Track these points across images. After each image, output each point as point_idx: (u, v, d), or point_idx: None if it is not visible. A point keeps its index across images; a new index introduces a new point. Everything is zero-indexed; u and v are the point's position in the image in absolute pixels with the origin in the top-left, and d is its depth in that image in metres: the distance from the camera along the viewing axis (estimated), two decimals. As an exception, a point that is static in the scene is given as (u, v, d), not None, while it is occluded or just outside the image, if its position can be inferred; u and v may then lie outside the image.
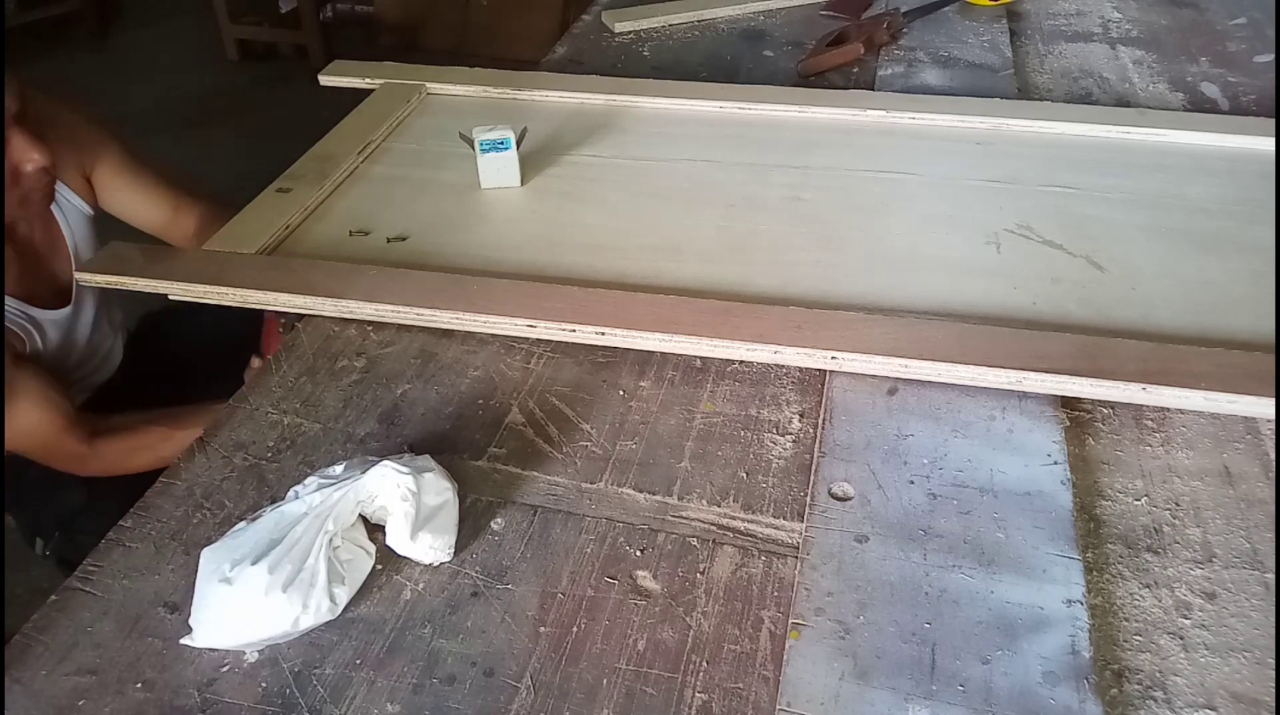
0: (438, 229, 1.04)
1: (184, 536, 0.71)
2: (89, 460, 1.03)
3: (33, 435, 1.01)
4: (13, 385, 0.97)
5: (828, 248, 0.99)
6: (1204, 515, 0.71)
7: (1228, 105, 1.32)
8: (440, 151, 1.18)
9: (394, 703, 0.60)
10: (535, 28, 3.61)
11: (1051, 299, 0.90)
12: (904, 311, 0.87)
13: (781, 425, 0.80)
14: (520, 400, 0.83)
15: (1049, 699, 0.57)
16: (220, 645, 0.62)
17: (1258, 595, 0.65)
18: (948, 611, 0.63)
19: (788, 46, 1.53)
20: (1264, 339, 0.84)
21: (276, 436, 0.80)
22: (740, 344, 0.81)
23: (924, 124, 1.22)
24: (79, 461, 1.04)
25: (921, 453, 0.75)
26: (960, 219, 1.02)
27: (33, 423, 1.00)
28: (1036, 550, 0.66)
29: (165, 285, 0.92)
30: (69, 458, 1.03)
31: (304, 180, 1.10)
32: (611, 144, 1.20)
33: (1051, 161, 1.13)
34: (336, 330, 0.92)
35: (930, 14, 1.59)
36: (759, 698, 0.60)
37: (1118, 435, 0.78)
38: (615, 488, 0.75)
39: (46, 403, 1.00)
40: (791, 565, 0.68)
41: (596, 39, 1.59)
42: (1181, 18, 1.62)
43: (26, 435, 1.00)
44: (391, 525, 0.67)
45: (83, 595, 0.67)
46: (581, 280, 0.92)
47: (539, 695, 0.60)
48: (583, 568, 0.68)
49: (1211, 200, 1.05)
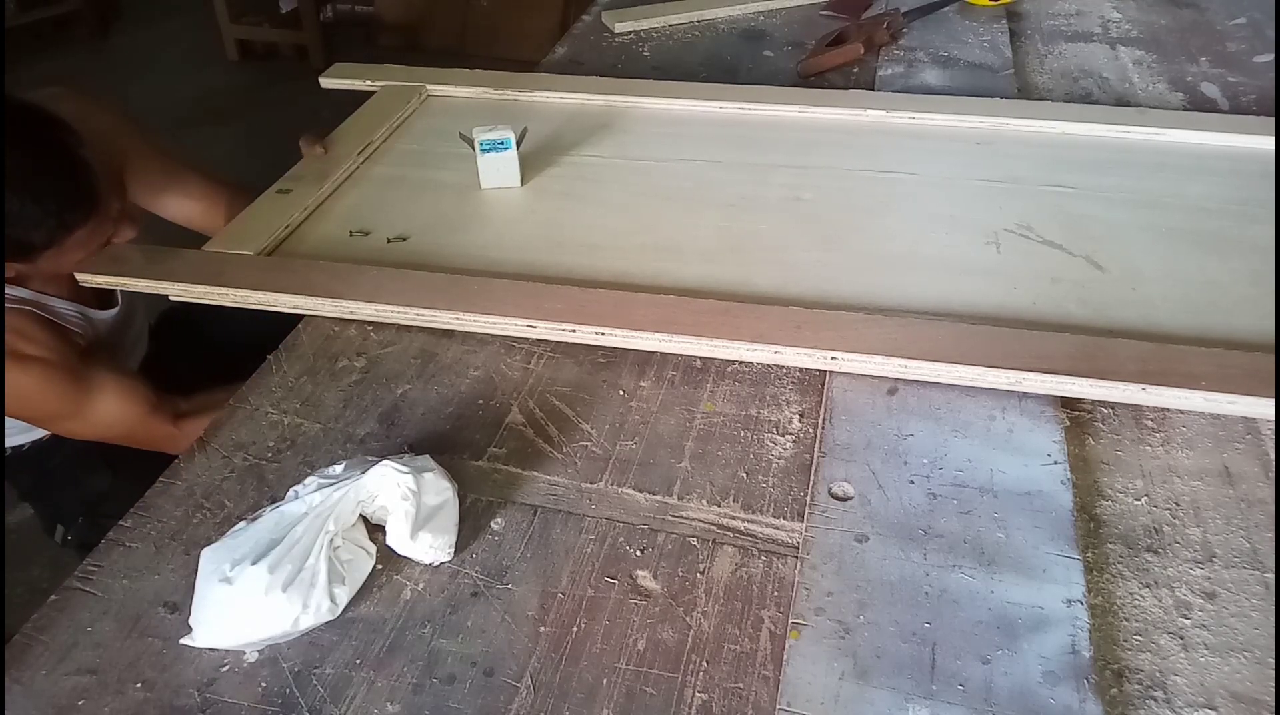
0: (438, 229, 1.04)
1: (184, 536, 0.72)
2: (178, 439, 1.05)
3: (121, 423, 1.03)
4: (91, 381, 1.00)
5: (828, 248, 0.99)
6: (1204, 515, 0.71)
7: (1228, 105, 1.32)
8: (440, 152, 1.18)
9: (394, 702, 0.60)
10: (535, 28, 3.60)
11: (1051, 299, 0.90)
12: (904, 311, 0.87)
13: (781, 425, 0.80)
14: (520, 400, 0.83)
15: (1049, 699, 0.57)
16: (220, 645, 0.62)
17: (1258, 595, 0.65)
18: (948, 611, 0.63)
19: (788, 46, 1.53)
20: (1264, 339, 0.84)
21: (276, 436, 0.80)
22: (740, 344, 0.81)
23: (924, 124, 1.22)
24: (169, 441, 1.06)
25: (921, 453, 0.75)
26: (960, 219, 1.02)
27: (117, 411, 1.02)
28: (1036, 550, 0.66)
29: (165, 286, 0.92)
30: (158, 439, 1.06)
31: (304, 181, 1.10)
32: (611, 144, 1.20)
33: (1051, 161, 1.13)
34: (337, 330, 0.92)
35: (930, 14, 1.59)
36: (759, 698, 0.60)
37: (1118, 435, 0.78)
38: (615, 488, 0.75)
39: (128, 390, 1.03)
40: (791, 565, 0.68)
41: (596, 39, 1.59)
42: (1181, 18, 1.62)
43: (115, 424, 1.03)
44: (391, 525, 0.67)
45: (82, 595, 0.67)
46: (581, 280, 0.92)
47: (539, 695, 0.60)
48: (583, 568, 0.68)
49: (1212, 200, 1.05)
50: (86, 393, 1.00)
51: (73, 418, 1.01)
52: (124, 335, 1.18)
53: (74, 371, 0.98)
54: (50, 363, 0.96)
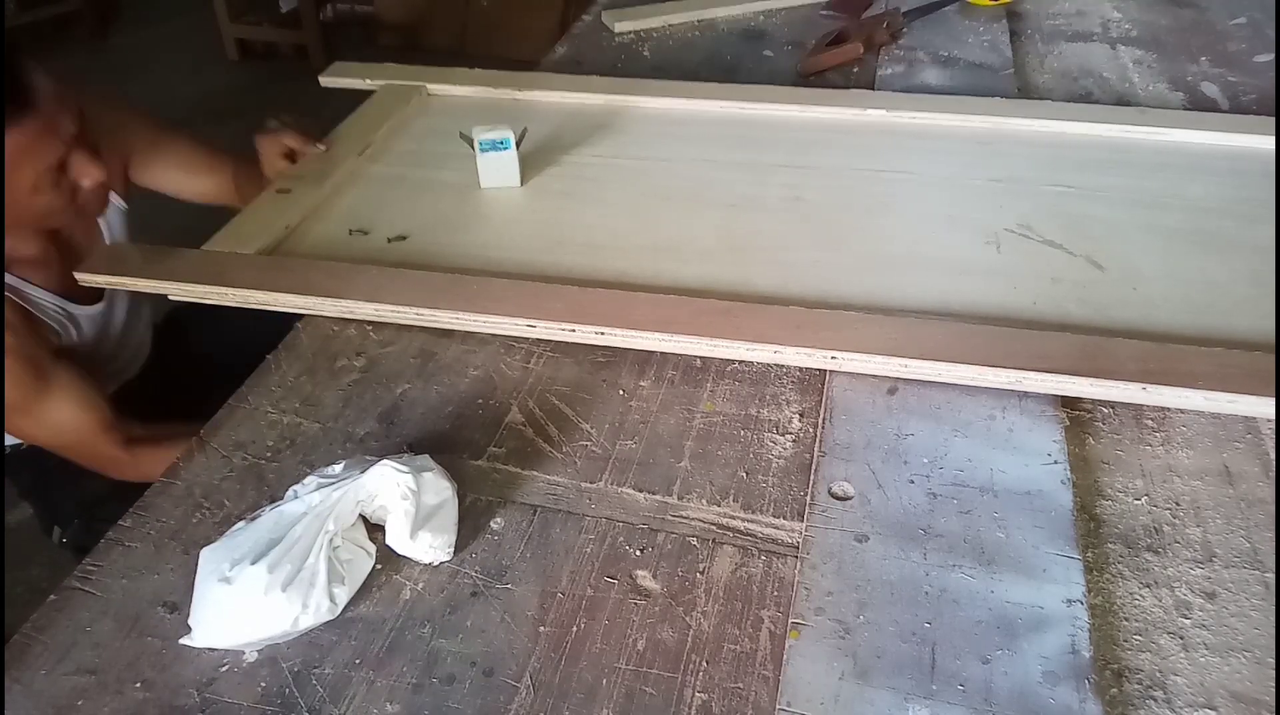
0: (437, 229, 1.04)
1: (183, 536, 0.71)
2: (124, 466, 1.03)
3: (69, 433, 1.01)
4: (52, 381, 0.97)
5: (828, 248, 0.99)
6: (1204, 515, 0.71)
7: (1228, 105, 1.32)
8: (440, 151, 1.18)
9: (393, 702, 0.60)
10: (535, 28, 3.60)
11: (1051, 299, 0.90)
12: (904, 311, 0.87)
13: (781, 425, 0.80)
14: (520, 400, 0.83)
15: (1049, 699, 0.57)
16: (220, 645, 0.62)
17: (1258, 595, 0.65)
18: (948, 611, 0.63)
19: (788, 46, 1.53)
20: (1264, 339, 0.84)
21: (276, 436, 0.80)
22: (740, 344, 0.81)
23: (924, 123, 1.22)
24: (114, 465, 1.03)
25: (921, 452, 0.75)
26: (960, 219, 1.02)
27: (69, 420, 1.00)
28: (1036, 550, 0.66)
29: (165, 285, 0.92)
30: (104, 460, 1.03)
31: (304, 180, 1.10)
32: (611, 144, 1.20)
33: (1051, 161, 1.13)
34: (336, 330, 0.92)
35: (930, 14, 1.59)
36: (759, 697, 0.59)
37: (1118, 435, 0.78)
38: (615, 487, 0.75)
39: (85, 402, 1.00)
40: (791, 565, 0.68)
41: (596, 39, 1.59)
42: (1181, 18, 1.62)
43: (63, 432, 1.01)
44: (391, 524, 0.67)
45: (82, 595, 0.67)
46: (581, 280, 0.92)
47: (539, 695, 0.60)
48: (582, 567, 0.68)
49: (1212, 200, 1.05)
50: (44, 390, 0.97)
51: (24, 413, 0.97)
52: (115, 338, 1.17)
53: (36, 366, 0.95)
54: (13, 351, 0.93)
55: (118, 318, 1.16)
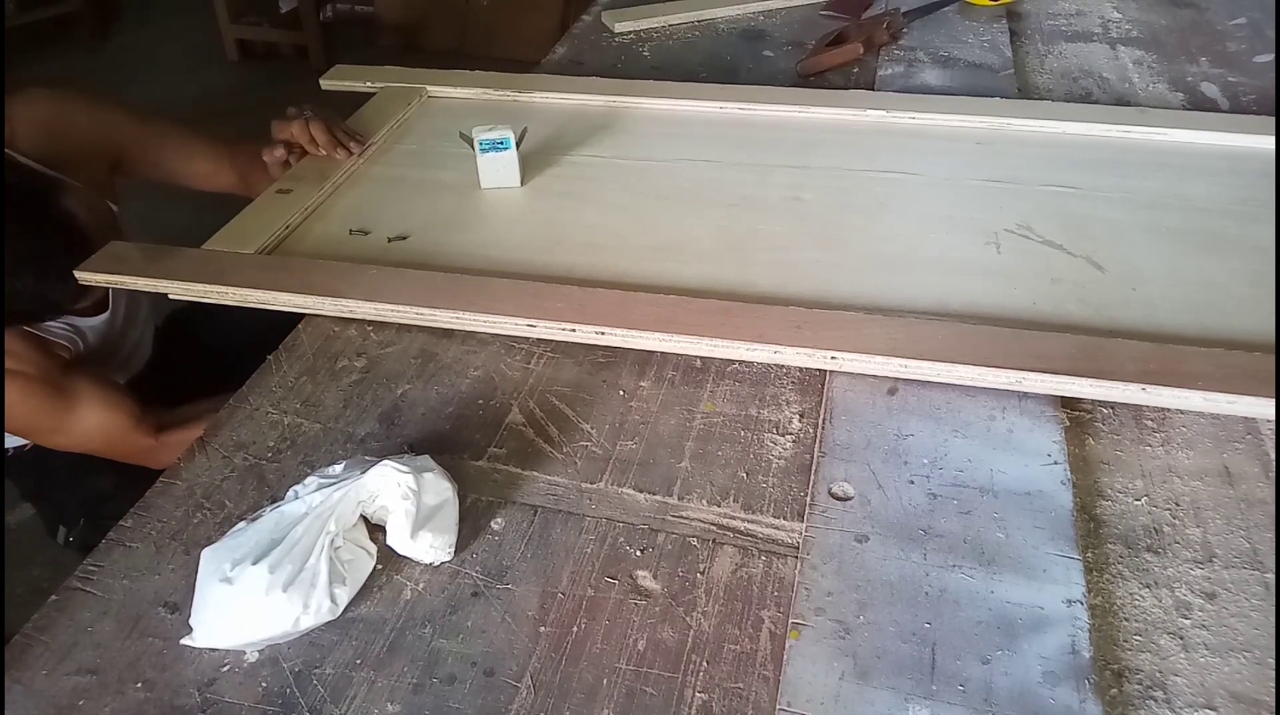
0: (438, 229, 1.04)
1: (184, 536, 0.72)
2: (159, 452, 1.05)
3: (101, 436, 1.03)
4: (74, 395, 1.00)
5: (828, 248, 0.99)
6: (1204, 515, 0.71)
7: (1227, 105, 1.32)
8: (440, 152, 1.18)
9: (394, 702, 0.60)
10: (535, 28, 3.61)
11: (1051, 299, 0.90)
12: (904, 311, 0.87)
13: (781, 425, 0.80)
14: (520, 400, 0.83)
15: (1049, 699, 0.57)
16: (220, 645, 0.62)
17: (1258, 595, 0.65)
18: (948, 611, 0.63)
19: (788, 46, 1.53)
20: (1264, 339, 0.84)
21: (276, 436, 0.80)
22: (740, 344, 0.81)
23: (924, 124, 1.22)
24: (149, 455, 1.06)
25: (921, 453, 0.75)
26: (960, 219, 1.02)
27: (99, 425, 1.02)
28: (1036, 550, 0.66)
29: (165, 284, 0.92)
30: (139, 452, 1.06)
31: (304, 180, 1.10)
32: (611, 144, 1.20)
33: (1051, 161, 1.13)
34: (337, 330, 0.92)
35: (930, 14, 1.59)
36: (759, 698, 0.60)
37: (1118, 435, 0.78)
38: (615, 488, 0.75)
39: (110, 403, 1.03)
40: (791, 565, 0.68)
41: (596, 39, 1.59)
42: (1181, 18, 1.62)
43: (96, 437, 1.03)
44: (392, 524, 0.67)
45: (83, 595, 0.67)
46: (581, 280, 0.92)
47: (539, 695, 0.60)
48: (583, 568, 0.68)
49: (1212, 200, 1.05)
50: (68, 407, 0.99)
51: (54, 431, 1.01)
52: (117, 340, 1.17)
53: (54, 386, 0.98)
54: (30, 377, 0.96)
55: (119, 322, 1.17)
